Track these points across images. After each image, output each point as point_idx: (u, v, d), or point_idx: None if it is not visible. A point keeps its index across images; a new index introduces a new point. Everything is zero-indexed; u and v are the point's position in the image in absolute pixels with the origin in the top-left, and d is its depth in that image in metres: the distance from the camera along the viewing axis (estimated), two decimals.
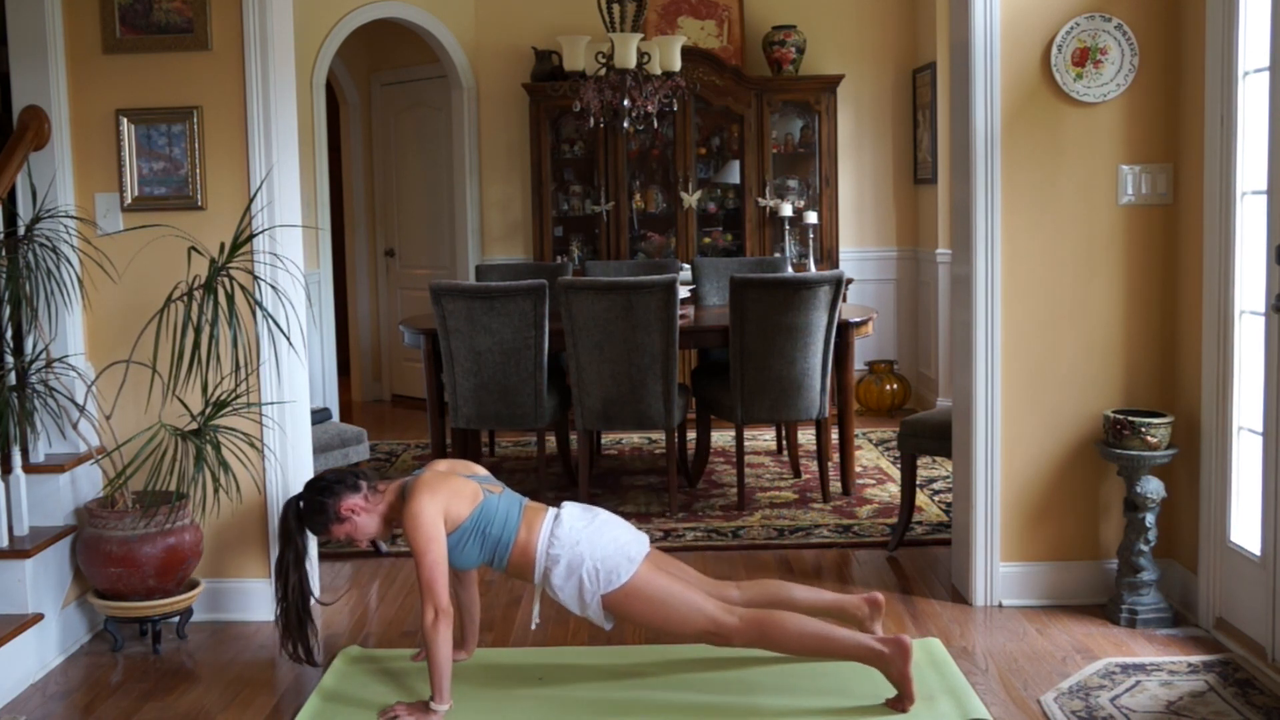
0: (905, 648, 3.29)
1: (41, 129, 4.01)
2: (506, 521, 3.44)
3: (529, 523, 3.46)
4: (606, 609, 3.42)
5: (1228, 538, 3.79)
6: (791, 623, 3.37)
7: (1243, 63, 3.65)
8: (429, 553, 3.29)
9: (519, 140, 7.99)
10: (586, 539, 3.42)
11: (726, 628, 3.39)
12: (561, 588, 3.41)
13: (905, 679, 3.29)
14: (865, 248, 8.03)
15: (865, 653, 3.32)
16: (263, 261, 4.08)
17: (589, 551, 3.39)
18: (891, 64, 7.92)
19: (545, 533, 3.44)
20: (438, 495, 3.37)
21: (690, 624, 3.41)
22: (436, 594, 3.27)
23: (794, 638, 3.36)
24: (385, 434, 7.52)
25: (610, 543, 3.42)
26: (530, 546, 3.43)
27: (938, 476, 5.96)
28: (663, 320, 5.18)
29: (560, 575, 3.40)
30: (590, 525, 3.47)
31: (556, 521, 3.46)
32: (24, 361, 3.89)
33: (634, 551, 3.43)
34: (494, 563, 3.47)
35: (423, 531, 3.31)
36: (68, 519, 3.97)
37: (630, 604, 3.40)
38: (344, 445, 4.84)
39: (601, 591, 3.38)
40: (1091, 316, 4.11)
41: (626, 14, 5.91)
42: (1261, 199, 3.57)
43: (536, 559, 3.43)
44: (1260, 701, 3.31)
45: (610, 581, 3.37)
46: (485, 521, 3.42)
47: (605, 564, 3.38)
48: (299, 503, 3.52)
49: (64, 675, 3.76)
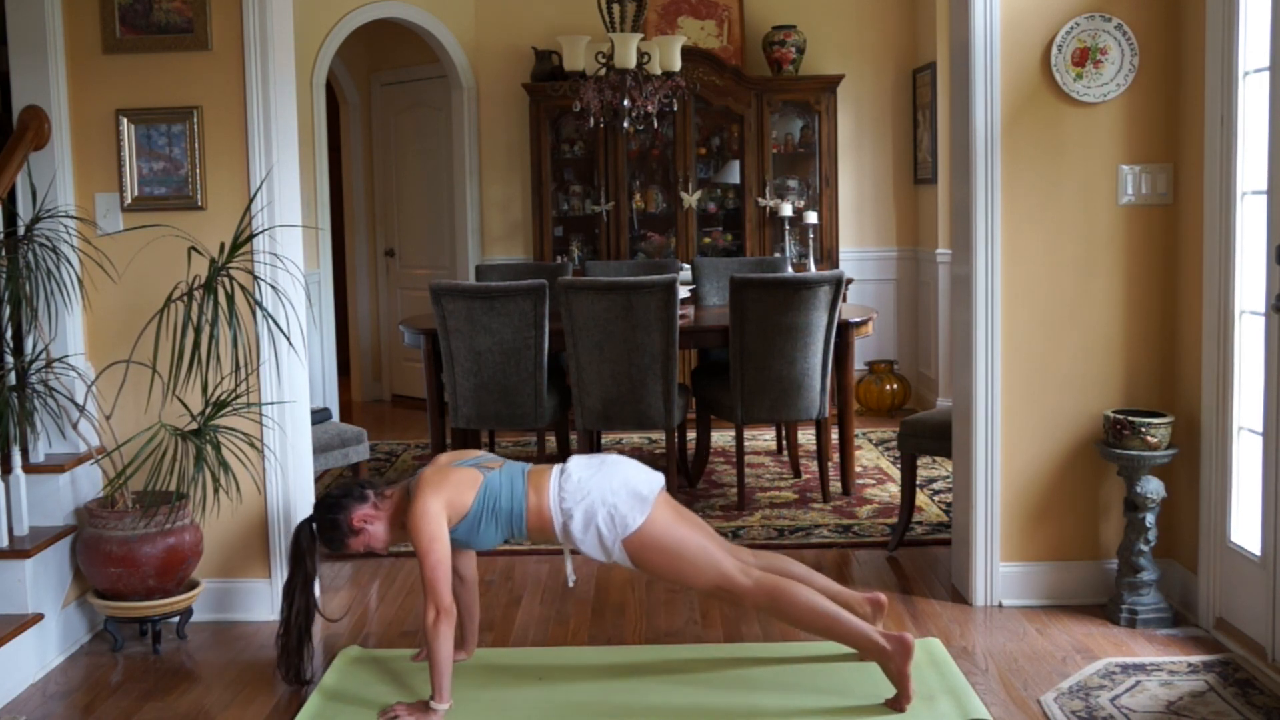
0: (908, 646, 3.29)
1: (41, 129, 4.01)
2: (513, 492, 3.43)
3: (536, 485, 3.46)
4: (628, 556, 3.42)
5: (1228, 538, 3.79)
6: (804, 595, 3.37)
7: (1243, 63, 3.65)
8: (431, 552, 3.29)
9: (519, 140, 7.99)
10: (595, 485, 3.40)
11: (740, 587, 3.39)
12: (582, 540, 3.41)
13: (904, 678, 3.29)
14: (865, 248, 8.02)
15: (869, 644, 3.32)
16: (263, 261, 4.08)
17: (600, 498, 3.38)
18: (891, 64, 7.91)
19: (554, 489, 3.43)
20: (440, 492, 3.37)
21: (705, 577, 3.41)
22: (439, 593, 3.27)
23: (804, 610, 3.36)
24: (385, 434, 7.52)
25: (621, 486, 3.40)
26: (543, 507, 3.43)
27: (938, 476, 5.96)
28: (663, 320, 5.18)
29: (578, 527, 3.39)
30: (599, 471, 3.45)
31: (563, 476, 3.46)
32: (24, 361, 3.89)
33: (644, 489, 3.41)
34: (514, 533, 3.47)
35: (426, 531, 3.31)
36: (68, 519, 3.97)
37: (647, 554, 3.39)
38: (344, 445, 4.84)
39: (621, 537, 3.37)
40: (1091, 316, 4.11)
41: (626, 14, 5.91)
42: (1261, 199, 3.57)
43: (552, 517, 3.42)
44: (1260, 701, 3.31)
45: (627, 525, 3.36)
46: (491, 499, 3.42)
47: (619, 508, 3.37)
48: (311, 525, 3.51)
49: (64, 675, 3.76)
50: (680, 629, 4.04)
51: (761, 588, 3.39)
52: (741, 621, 4.08)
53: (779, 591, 3.38)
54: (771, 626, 4.02)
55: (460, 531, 3.43)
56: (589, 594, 4.41)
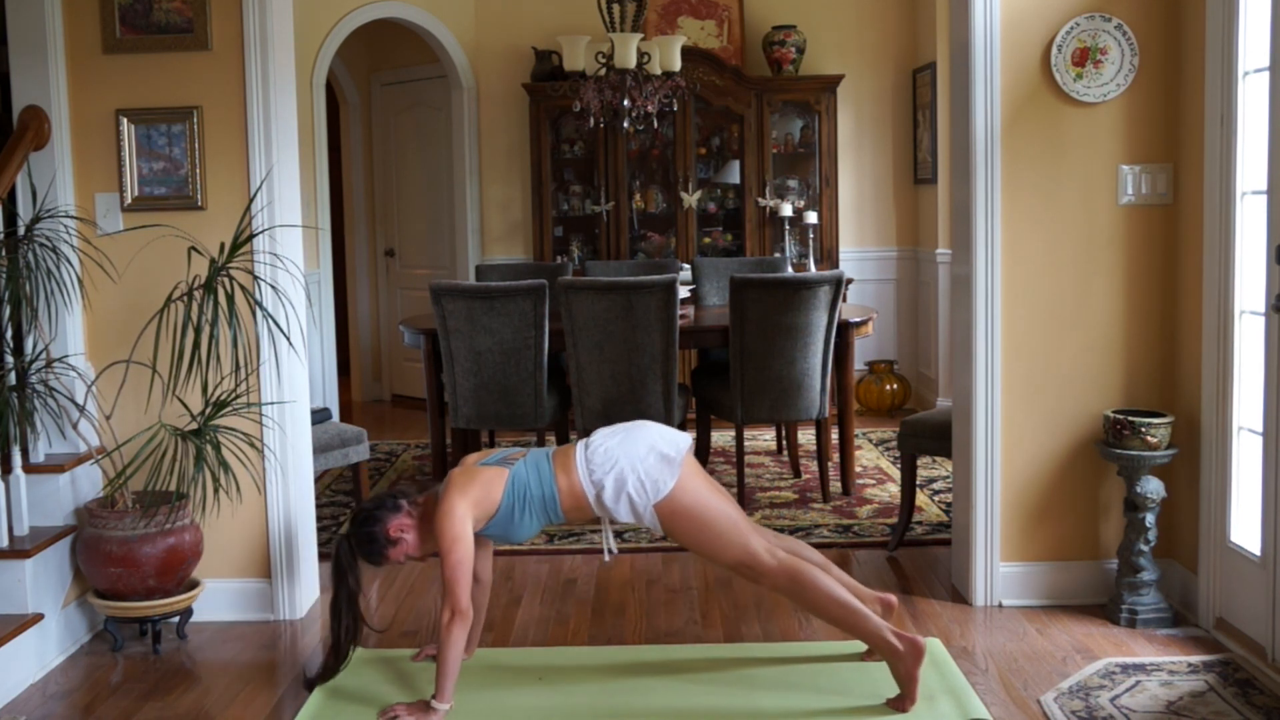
0: (920, 649, 3.29)
1: (41, 129, 4.01)
2: (541, 477, 3.42)
3: (563, 465, 3.45)
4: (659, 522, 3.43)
5: (1228, 538, 3.79)
6: (824, 582, 3.37)
7: (1243, 63, 3.65)
8: (453, 552, 3.28)
9: (519, 140, 7.99)
10: (623, 453, 3.40)
11: (763, 565, 3.39)
12: (615, 508, 3.40)
13: (912, 680, 3.29)
14: (865, 248, 8.03)
15: (881, 640, 3.31)
16: (263, 261, 4.08)
17: (629, 465, 3.38)
18: (891, 64, 7.91)
19: (581, 463, 3.43)
20: (468, 493, 3.37)
21: (731, 550, 3.41)
22: (456, 594, 3.26)
23: (823, 597, 3.36)
24: (385, 434, 7.52)
25: (648, 451, 3.40)
26: (574, 485, 3.42)
27: (938, 476, 5.96)
28: (663, 320, 5.18)
29: (610, 497, 3.39)
30: (625, 438, 3.45)
31: (589, 449, 3.45)
32: (24, 361, 3.89)
33: (671, 450, 3.40)
34: (552, 518, 3.46)
35: (449, 531, 3.30)
36: (68, 519, 3.97)
37: (677, 521, 3.39)
38: (344, 445, 4.84)
39: (652, 501, 3.37)
40: (1091, 316, 4.11)
41: (626, 14, 5.91)
42: (1261, 199, 3.57)
43: (584, 492, 3.41)
44: (1260, 701, 3.31)
45: (658, 490, 3.36)
46: (521, 490, 3.41)
47: (648, 474, 3.37)
48: (350, 541, 3.47)
49: (64, 675, 3.76)
50: (680, 629, 4.05)
51: (784, 569, 3.39)
52: (741, 621, 4.08)
53: (801, 575, 3.38)
54: (772, 626, 4.02)
55: (496, 527, 3.43)
56: (589, 594, 4.41)
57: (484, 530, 3.46)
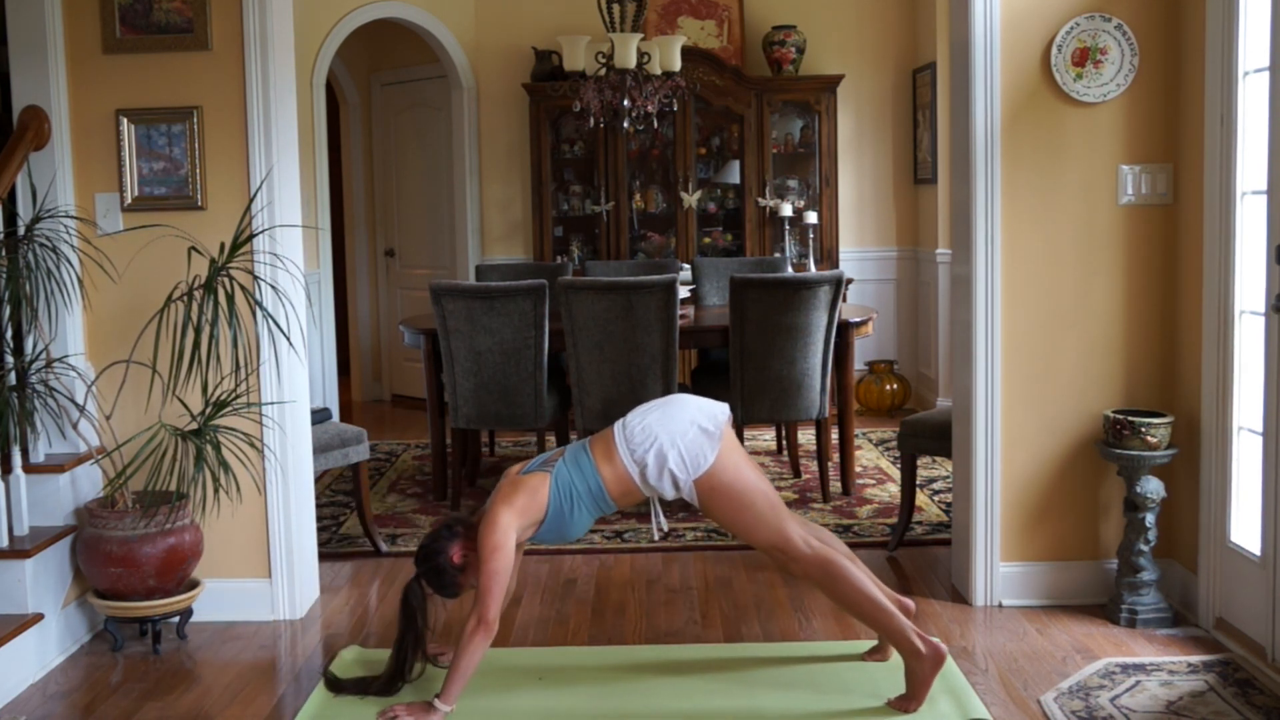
0: (941, 656, 3.30)
1: (41, 129, 4.01)
2: (583, 471, 3.40)
3: (604, 453, 3.42)
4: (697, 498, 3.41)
5: (1228, 538, 3.79)
6: (856, 576, 3.37)
7: (1243, 63, 3.65)
8: (490, 560, 3.26)
9: (519, 140, 7.99)
10: (662, 428, 3.38)
11: (797, 552, 3.38)
12: (659, 484, 3.38)
13: (925, 685, 3.30)
14: (865, 248, 8.03)
15: (906, 641, 3.31)
16: (263, 261, 4.08)
17: (669, 440, 3.36)
18: (891, 64, 7.91)
19: (621, 444, 3.41)
20: (512, 501, 3.34)
21: (766, 532, 3.40)
22: (488, 605, 3.24)
23: (853, 590, 3.36)
24: (385, 434, 7.52)
25: (688, 425, 3.38)
26: (618, 468, 3.40)
27: (938, 476, 5.96)
28: (663, 320, 5.18)
29: (654, 474, 3.37)
30: (663, 412, 3.44)
31: (626, 429, 3.43)
32: (24, 361, 3.89)
33: (709, 424, 3.39)
34: (603, 508, 3.44)
35: (490, 540, 3.28)
36: (68, 519, 3.97)
37: (715, 499, 3.38)
38: (344, 445, 4.84)
39: (694, 476, 3.35)
40: (1091, 316, 4.11)
41: (626, 14, 5.91)
42: (1261, 199, 3.57)
43: (629, 473, 3.39)
44: (1260, 701, 3.31)
45: (698, 464, 3.35)
46: (565, 489, 3.39)
47: (689, 449, 3.35)
48: (419, 582, 3.45)
49: (64, 675, 3.76)
50: (680, 629, 4.04)
51: (818, 558, 3.38)
52: (741, 621, 4.08)
53: (834, 566, 3.37)
54: (772, 626, 4.02)
55: (549, 530, 3.41)
56: (589, 594, 4.41)
57: (537, 536, 3.43)
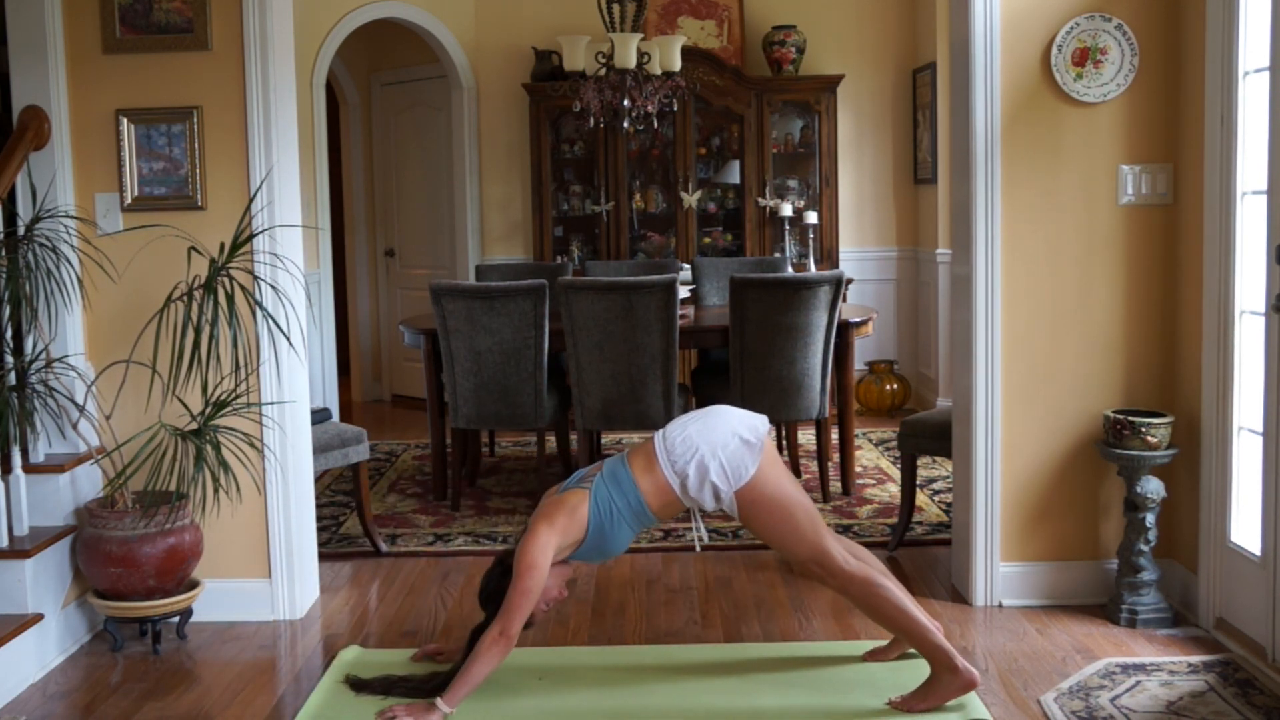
0: (972, 683, 3.29)
1: (41, 129, 4.01)
2: (622, 486, 3.40)
3: (644, 466, 3.42)
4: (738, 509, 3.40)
5: (1228, 538, 3.79)
6: (894, 594, 3.37)
7: (1243, 63, 3.65)
8: (524, 577, 3.26)
9: (519, 140, 7.99)
10: (703, 440, 3.38)
11: (836, 566, 3.38)
12: (700, 496, 3.38)
13: (941, 699, 3.29)
14: (865, 248, 8.03)
15: (944, 658, 3.30)
16: (263, 261, 4.08)
17: (710, 451, 3.35)
18: (891, 64, 7.91)
19: (662, 455, 3.40)
20: (554, 520, 3.34)
21: (806, 545, 3.38)
22: (513, 620, 3.25)
23: (891, 608, 3.36)
24: (385, 434, 7.52)
25: (730, 436, 3.38)
26: (659, 480, 3.39)
27: (938, 476, 5.96)
28: (663, 320, 5.18)
29: (694, 485, 3.36)
30: (703, 423, 3.43)
31: (666, 440, 3.43)
32: (24, 361, 3.89)
33: (750, 435, 3.38)
34: (644, 522, 3.44)
35: (527, 556, 3.29)
36: (68, 519, 3.97)
37: (755, 512, 3.38)
38: (344, 445, 4.84)
39: (735, 487, 3.35)
40: (1091, 316, 4.11)
41: (626, 14, 5.91)
42: (1261, 199, 3.57)
43: (670, 484, 3.38)
44: (1260, 701, 3.31)
45: (740, 476, 3.34)
46: (605, 505, 3.38)
47: (730, 460, 3.35)
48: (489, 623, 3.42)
49: (64, 675, 3.76)
50: (680, 629, 4.04)
51: (859, 576, 3.38)
52: (741, 621, 4.08)
53: (874, 584, 3.37)
54: (772, 626, 4.02)
55: (590, 549, 3.41)
56: (589, 594, 4.41)
57: (578, 554, 3.43)
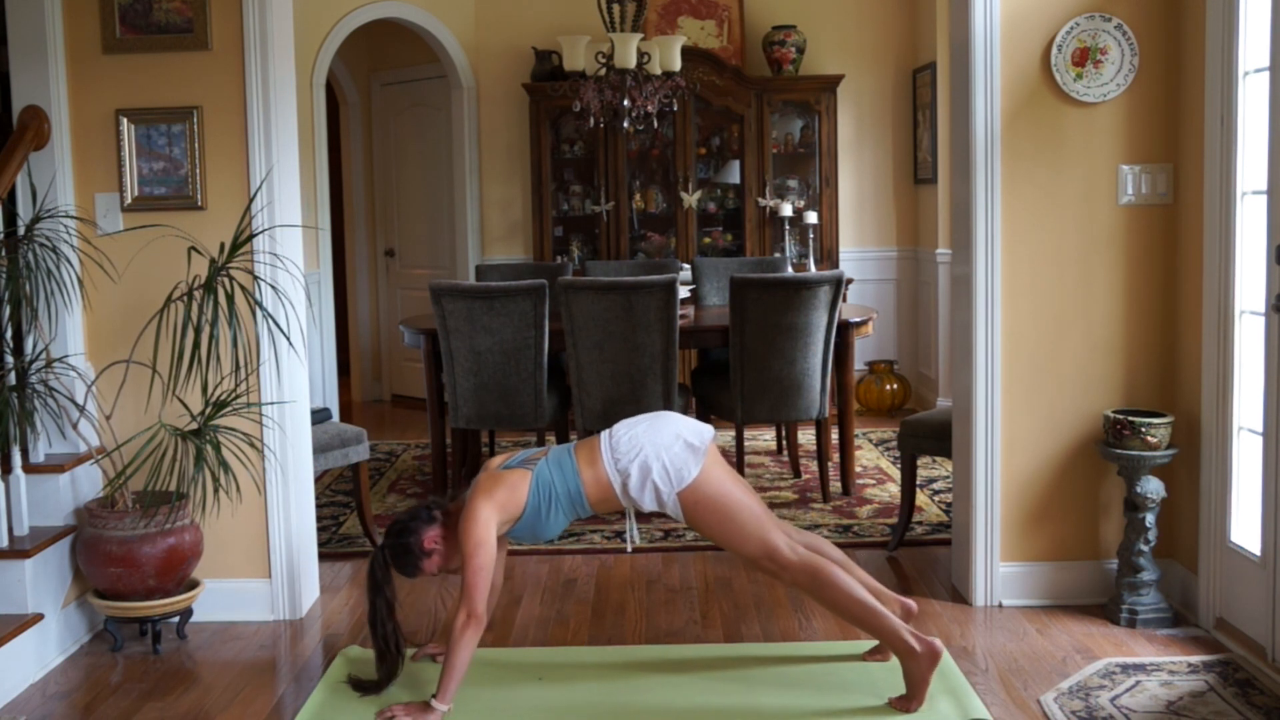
0: (936, 653, 3.29)
1: (41, 129, 4.01)
2: (565, 473, 3.44)
3: (588, 459, 3.46)
4: (682, 511, 3.44)
5: (1228, 538, 3.79)
6: (844, 580, 3.37)
7: (1243, 63, 3.65)
8: (475, 556, 3.29)
9: (519, 140, 7.99)
10: (647, 440, 3.42)
11: (784, 560, 3.39)
12: (640, 497, 3.42)
13: (924, 683, 3.29)
14: (865, 248, 8.03)
15: (899, 641, 3.30)
16: (263, 261, 4.08)
17: (653, 452, 3.39)
18: (891, 64, 7.91)
19: (606, 454, 3.44)
20: (493, 496, 3.37)
21: (752, 543, 3.41)
22: (474, 599, 3.27)
23: (842, 595, 3.36)
24: (385, 434, 7.52)
25: (673, 439, 3.42)
26: (600, 475, 3.43)
27: (938, 476, 5.96)
28: (663, 320, 5.18)
29: (635, 485, 3.40)
30: (649, 426, 3.47)
31: (612, 439, 3.47)
32: (24, 361, 3.89)
33: (695, 439, 3.42)
34: (579, 512, 3.47)
35: (473, 535, 3.30)
36: (68, 519, 3.97)
37: (699, 512, 3.40)
38: (344, 445, 4.84)
39: (677, 489, 3.38)
40: (1091, 316, 4.11)
41: (626, 14, 5.91)
42: (1261, 199, 3.57)
43: (610, 481, 3.43)
44: (1260, 701, 3.31)
45: (682, 477, 3.38)
46: (545, 489, 3.42)
47: (673, 461, 3.38)
48: (385, 553, 3.48)
49: (64, 675, 3.76)
50: (680, 629, 4.04)
51: (806, 565, 3.38)
52: (741, 621, 4.08)
53: (822, 572, 3.37)
54: (772, 626, 4.02)
55: (523, 528, 3.45)
56: (589, 594, 4.41)
57: (511, 531, 3.47)
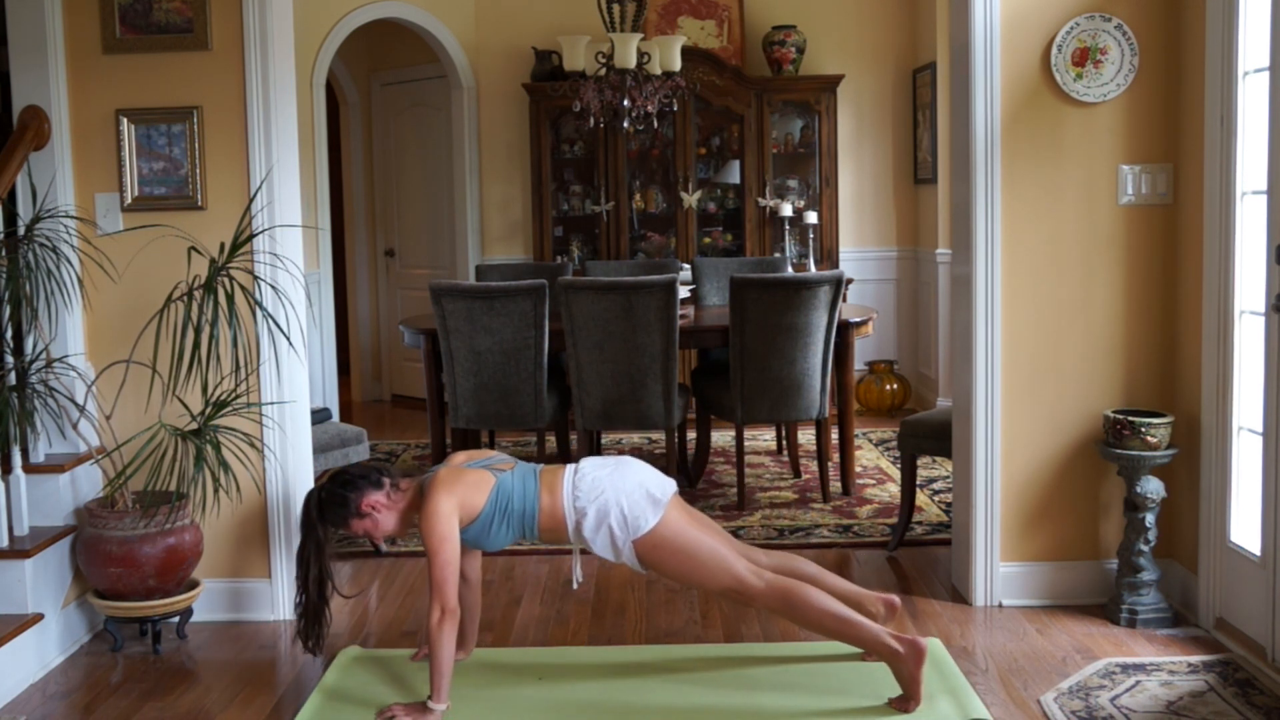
0: (920, 650, 3.29)
1: (41, 129, 4.01)
2: (525, 494, 3.43)
3: (549, 486, 3.46)
4: (638, 557, 3.43)
5: (1228, 538, 3.79)
6: (816, 597, 3.38)
7: (1243, 63, 3.65)
8: (440, 552, 3.29)
9: (519, 140, 7.99)
10: (610, 485, 3.41)
11: (751, 589, 3.40)
12: (593, 539, 3.41)
13: (915, 681, 3.29)
14: (865, 248, 8.03)
15: (881, 646, 3.31)
16: (263, 261, 4.08)
17: (613, 498, 3.38)
18: (891, 64, 7.92)
19: (568, 489, 3.43)
20: (454, 492, 3.37)
21: (717, 580, 3.42)
22: (445, 594, 3.27)
23: (815, 612, 3.36)
24: (385, 434, 7.52)
25: (635, 487, 3.41)
26: (556, 508, 3.43)
27: (938, 476, 5.96)
28: (663, 320, 5.18)
29: (590, 527, 3.40)
30: (614, 471, 3.46)
31: (577, 475, 3.46)
32: (24, 361, 3.89)
33: (658, 491, 3.42)
34: (526, 535, 3.47)
35: (437, 531, 3.30)
36: (68, 519, 3.97)
37: (659, 555, 3.40)
38: (344, 445, 4.84)
39: (632, 538, 3.38)
40: (1091, 316, 4.11)
41: (626, 14, 5.91)
42: (1261, 199, 3.57)
43: (565, 517, 3.42)
44: (1260, 701, 3.31)
45: (639, 526, 3.37)
46: (504, 501, 3.41)
47: (632, 509, 3.37)
48: (320, 493, 3.50)
49: (64, 675, 3.76)
50: (680, 629, 4.05)
51: (774, 590, 3.39)
52: (741, 621, 4.08)
53: (791, 594, 3.38)
54: (772, 626, 4.02)
55: (471, 533, 3.43)
56: (589, 594, 4.41)
57: (460, 533, 3.46)
